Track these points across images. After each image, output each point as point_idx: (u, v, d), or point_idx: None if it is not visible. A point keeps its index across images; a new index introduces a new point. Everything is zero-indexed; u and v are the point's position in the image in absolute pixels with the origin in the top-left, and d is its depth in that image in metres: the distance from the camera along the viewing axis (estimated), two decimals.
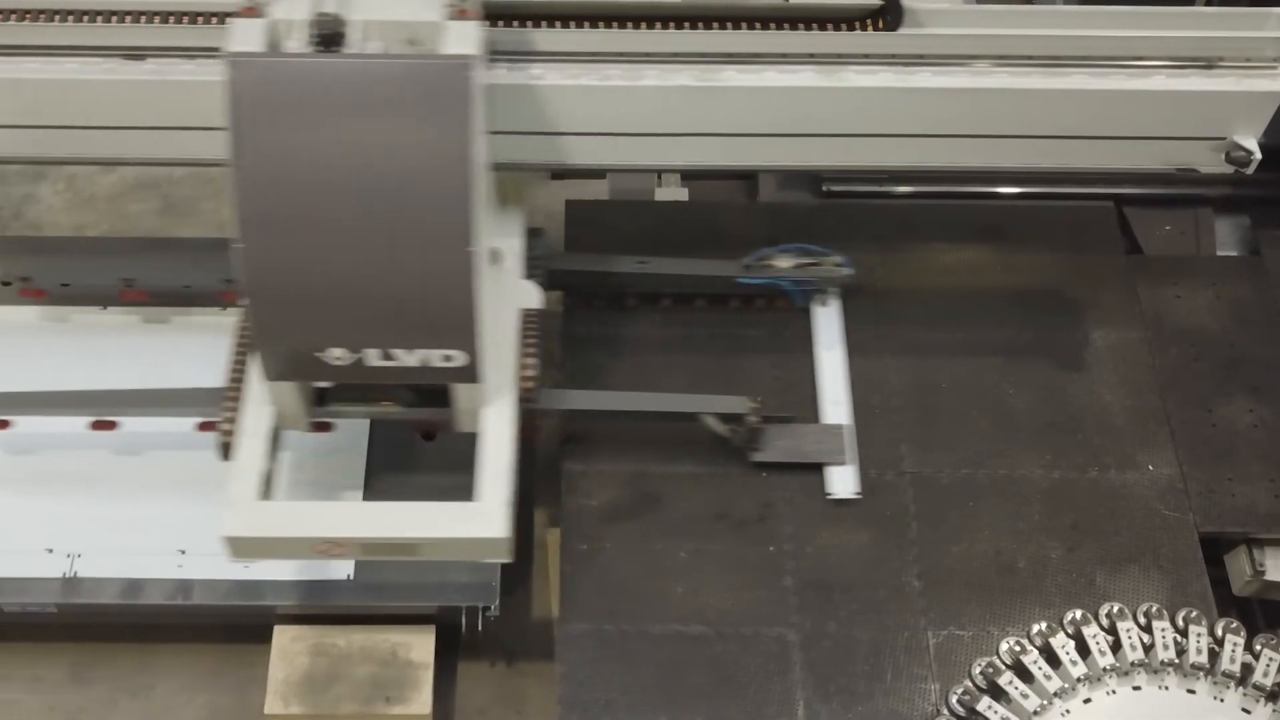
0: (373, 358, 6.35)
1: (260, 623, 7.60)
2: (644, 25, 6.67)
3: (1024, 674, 6.63)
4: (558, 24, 6.67)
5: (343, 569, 7.49)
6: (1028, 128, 6.82)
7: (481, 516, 6.49)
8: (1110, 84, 6.69)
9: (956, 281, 8.36)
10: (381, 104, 5.90)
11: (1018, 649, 6.67)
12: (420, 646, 7.54)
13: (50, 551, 7.51)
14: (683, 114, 6.72)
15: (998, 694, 6.63)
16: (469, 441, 7.15)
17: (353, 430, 7.90)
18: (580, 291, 8.13)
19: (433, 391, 6.68)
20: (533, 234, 7.71)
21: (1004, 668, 6.65)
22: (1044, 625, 6.76)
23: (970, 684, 6.69)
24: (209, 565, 7.50)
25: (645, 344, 8.02)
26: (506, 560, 6.70)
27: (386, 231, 6.01)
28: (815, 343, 8.07)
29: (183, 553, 7.53)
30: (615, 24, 6.69)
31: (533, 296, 7.32)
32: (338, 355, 6.33)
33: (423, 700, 7.40)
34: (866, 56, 6.69)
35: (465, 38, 6.07)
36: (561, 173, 9.13)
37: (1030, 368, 8.02)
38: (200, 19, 6.55)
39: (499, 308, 6.96)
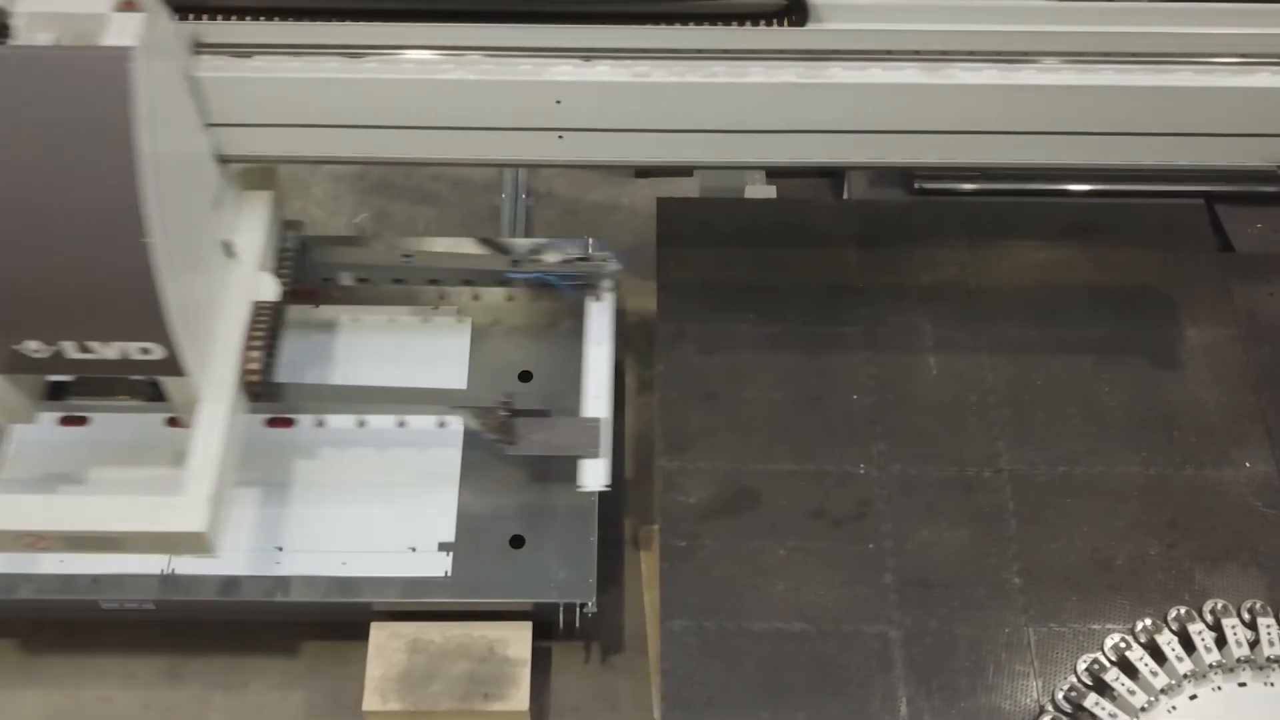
0: (70, 350, 6.40)
1: (354, 620, 7.61)
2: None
3: (1130, 670, 6.62)
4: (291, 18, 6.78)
5: (440, 565, 7.45)
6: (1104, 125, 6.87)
7: (182, 511, 6.51)
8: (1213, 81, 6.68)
9: (1048, 279, 8.33)
10: (43, 96, 5.92)
11: (1123, 645, 6.68)
12: (517, 643, 7.53)
13: None
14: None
15: (1104, 690, 6.63)
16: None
17: (450, 423, 7.94)
18: (676, 288, 8.08)
19: None
20: (287, 226, 7.75)
21: (1110, 664, 6.66)
22: (1148, 622, 6.78)
23: (1076, 680, 6.67)
24: (306, 562, 7.55)
25: (738, 340, 7.98)
26: (210, 556, 6.73)
27: (61, 225, 6.04)
28: (584, 337, 8.06)
29: (279, 549, 7.53)
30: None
31: (269, 289, 7.26)
32: (35, 348, 6.37)
33: (521, 697, 7.39)
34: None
35: (127, 30, 6.04)
36: (645, 171, 9.12)
37: (1124, 365, 7.99)
38: None
39: (227, 300, 7.02)
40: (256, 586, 7.50)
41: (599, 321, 8.16)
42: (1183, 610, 6.82)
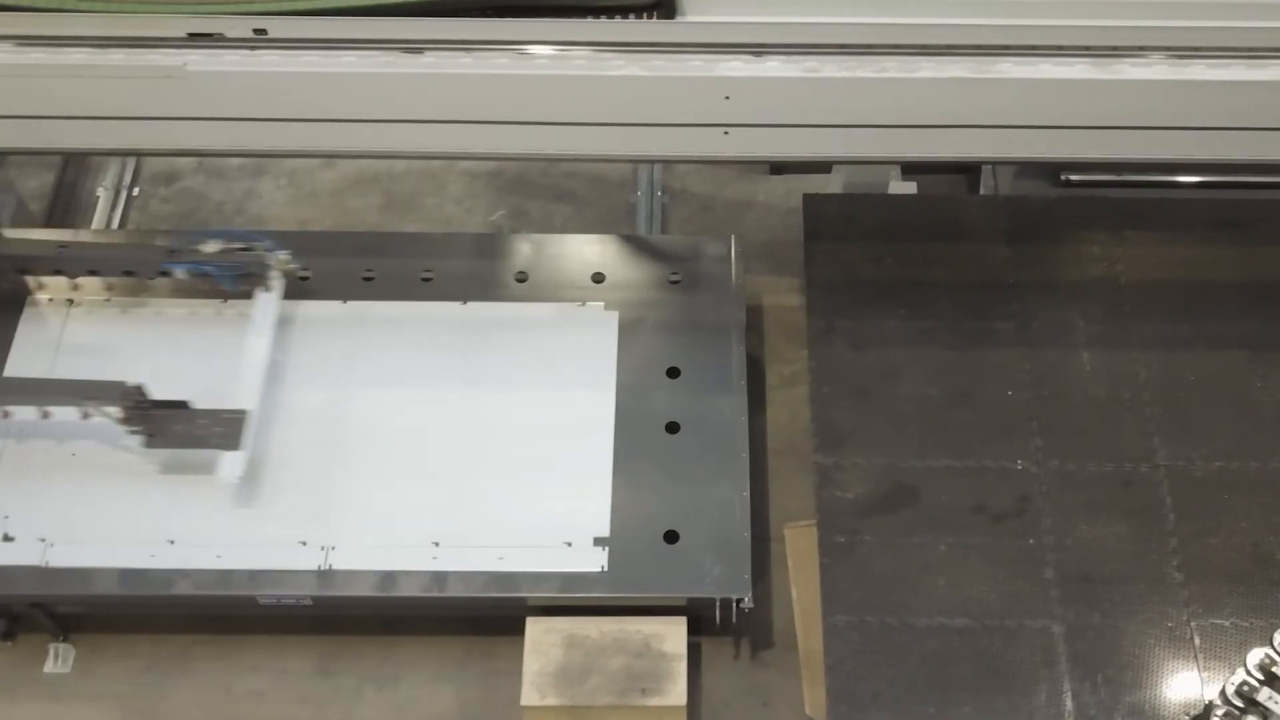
0: None
1: (509, 614, 7.64)
2: None
3: None
4: None
5: (597, 560, 7.48)
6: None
7: None
8: None
9: (1197, 273, 8.30)
10: None
11: None
12: (673, 638, 7.55)
13: (304, 544, 7.55)
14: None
15: (1275, 683, 6.60)
16: (714, 431, 7.73)
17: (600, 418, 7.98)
18: (825, 284, 8.09)
19: None
20: None
21: None
22: None
23: (1246, 674, 6.65)
24: (463, 557, 7.57)
25: (889, 336, 7.99)
26: None
27: None
28: (248, 329, 8.08)
29: (436, 545, 7.55)
30: None
31: None
32: None
33: (678, 691, 7.41)
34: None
35: None
36: (780, 167, 9.14)
37: (1276, 361, 7.95)
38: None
39: None
40: (413, 582, 7.52)
41: (263, 312, 8.18)
42: None
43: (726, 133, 6.88)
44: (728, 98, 6.71)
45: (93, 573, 7.54)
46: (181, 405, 7.76)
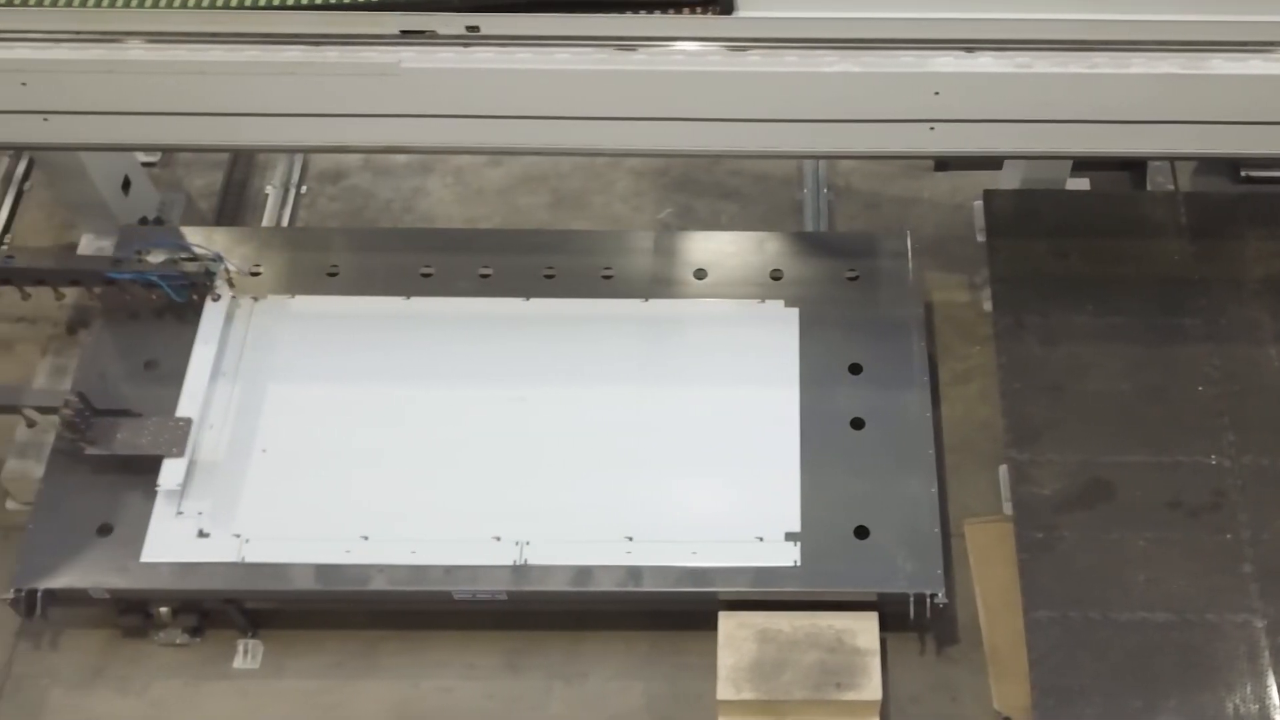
0: None
1: (699, 609, 7.67)
2: None
3: None
4: None
5: (789, 555, 7.50)
6: None
7: None
8: None
9: None
10: None
11: None
12: (865, 633, 7.58)
13: (498, 539, 7.58)
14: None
15: None
16: (899, 427, 7.79)
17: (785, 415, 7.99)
18: (1010, 280, 8.10)
19: None
20: None
21: None
22: None
23: None
24: (656, 552, 7.60)
25: (1078, 332, 7.98)
26: None
27: None
28: (195, 337, 8.15)
29: (629, 540, 7.58)
30: None
31: None
32: None
33: (873, 686, 7.44)
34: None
35: None
36: (944, 163, 9.16)
37: None
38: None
39: None
40: (609, 576, 7.56)
41: (210, 321, 8.28)
42: None
43: (932, 128, 6.88)
44: (937, 93, 6.71)
45: (290, 568, 7.62)
46: (125, 413, 7.90)
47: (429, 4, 6.67)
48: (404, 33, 6.70)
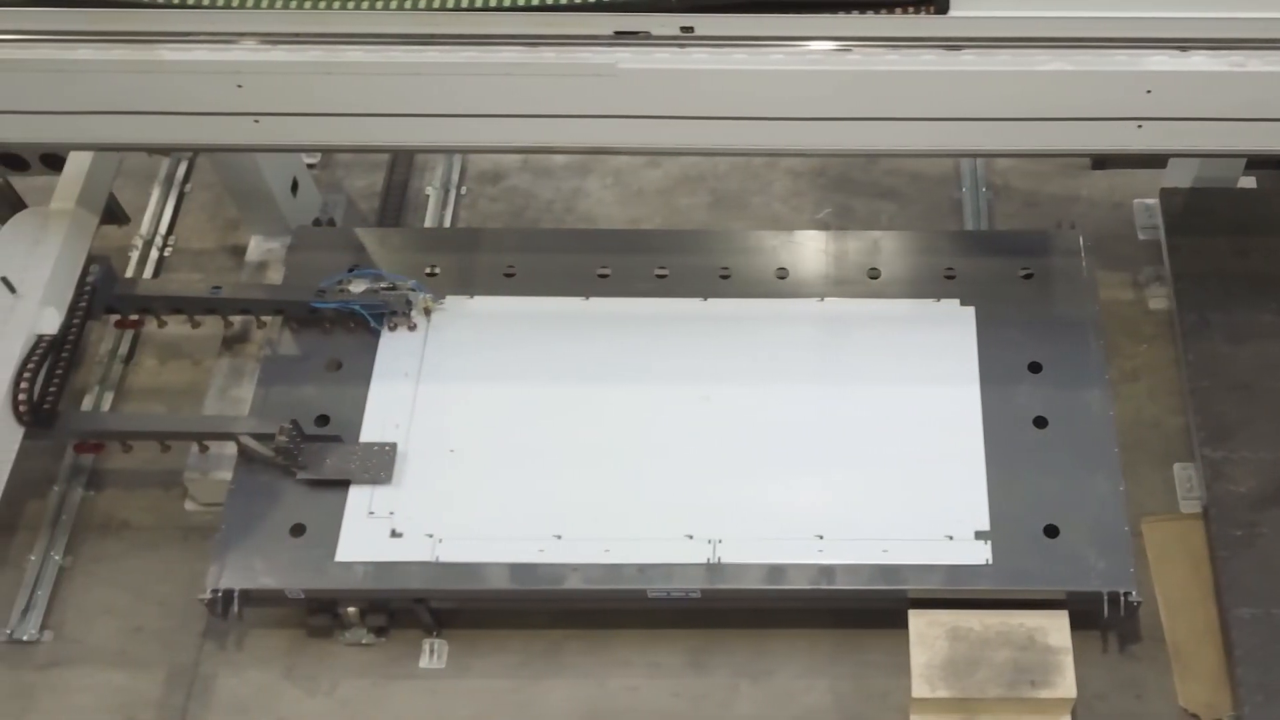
0: None
1: (888, 607, 7.69)
2: None
3: None
4: None
5: (980, 554, 7.52)
6: None
7: None
8: None
9: None
10: None
11: None
12: (1056, 631, 7.57)
13: (690, 538, 7.61)
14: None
15: None
16: (1082, 425, 7.78)
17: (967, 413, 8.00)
18: (1193, 278, 8.11)
19: None
20: (91, 261, 8.06)
21: None
22: None
23: None
24: (847, 550, 7.62)
25: (1266, 330, 7.99)
26: None
27: None
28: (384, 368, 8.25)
29: (820, 538, 7.60)
30: None
31: (51, 322, 7.72)
32: None
33: (1068, 684, 7.44)
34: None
35: None
36: (1101, 162, 9.17)
37: None
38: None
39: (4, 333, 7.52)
40: (801, 574, 7.58)
41: (409, 352, 8.37)
42: None
43: (1140, 126, 6.89)
44: (1149, 91, 6.72)
45: (483, 568, 7.64)
46: (335, 439, 7.96)
47: (643, 5, 6.66)
48: (618, 33, 6.71)
